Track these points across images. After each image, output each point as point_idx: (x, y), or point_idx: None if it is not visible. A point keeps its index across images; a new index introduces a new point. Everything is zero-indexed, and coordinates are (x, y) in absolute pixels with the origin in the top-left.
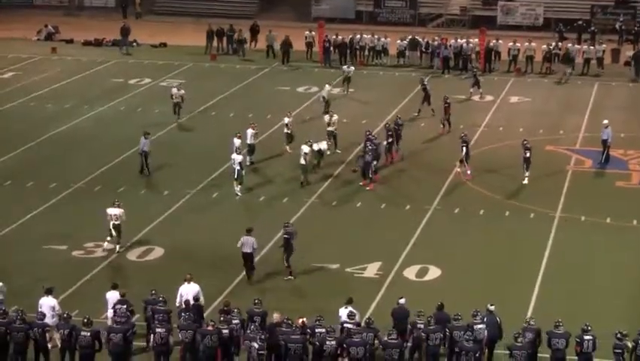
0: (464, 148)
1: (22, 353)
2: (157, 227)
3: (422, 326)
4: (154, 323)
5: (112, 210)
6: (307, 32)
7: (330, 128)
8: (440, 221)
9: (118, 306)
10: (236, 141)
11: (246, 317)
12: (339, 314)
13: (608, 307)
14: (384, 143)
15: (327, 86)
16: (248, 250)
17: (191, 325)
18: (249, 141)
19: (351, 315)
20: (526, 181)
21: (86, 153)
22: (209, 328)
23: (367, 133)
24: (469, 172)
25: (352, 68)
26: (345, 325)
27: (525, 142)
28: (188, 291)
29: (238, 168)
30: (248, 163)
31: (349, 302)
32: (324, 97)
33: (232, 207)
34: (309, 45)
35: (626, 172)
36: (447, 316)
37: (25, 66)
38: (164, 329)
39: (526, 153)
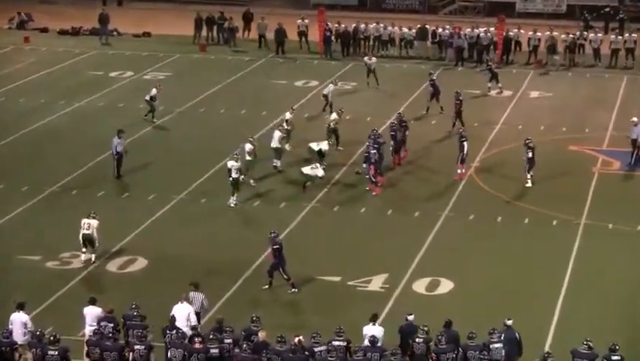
0: (465, 145)
1: None
2: (140, 235)
3: (421, 340)
4: (132, 340)
5: (84, 220)
6: (299, 21)
7: (332, 125)
8: (453, 229)
9: (103, 323)
10: (248, 146)
11: (241, 335)
12: (364, 333)
13: (638, 325)
14: (391, 142)
15: (330, 85)
16: (194, 308)
17: (183, 343)
18: (274, 145)
19: (339, 331)
20: (529, 184)
21: (61, 153)
22: (197, 346)
23: (373, 131)
24: (459, 171)
25: (374, 59)
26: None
27: (527, 141)
28: (181, 312)
29: (235, 175)
30: (280, 168)
31: (374, 319)
32: (325, 95)
33: (223, 214)
34: (302, 35)
35: None
36: (456, 334)
37: None
38: (143, 346)
39: (528, 153)
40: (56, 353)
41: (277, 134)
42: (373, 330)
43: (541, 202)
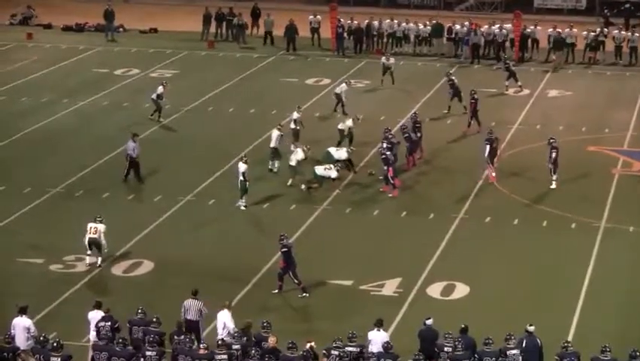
0: (488, 147)
1: None
2: (146, 238)
3: (450, 349)
4: (144, 345)
5: (91, 224)
6: (311, 17)
7: (347, 132)
8: (468, 231)
9: (101, 324)
10: (300, 153)
11: (251, 341)
12: (369, 338)
13: None
14: (406, 144)
15: (344, 85)
16: (192, 316)
17: (191, 350)
18: (273, 145)
19: (352, 336)
20: (554, 185)
21: (65, 154)
22: (201, 351)
23: (386, 131)
24: (493, 174)
25: (392, 59)
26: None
27: (552, 140)
28: (225, 318)
29: (241, 178)
30: (275, 170)
31: (379, 324)
32: (337, 94)
33: (231, 216)
34: (314, 31)
35: None
36: (472, 340)
37: None
38: (154, 352)
39: (552, 154)
40: (59, 360)
41: (275, 133)
42: (379, 336)
43: (559, 205)
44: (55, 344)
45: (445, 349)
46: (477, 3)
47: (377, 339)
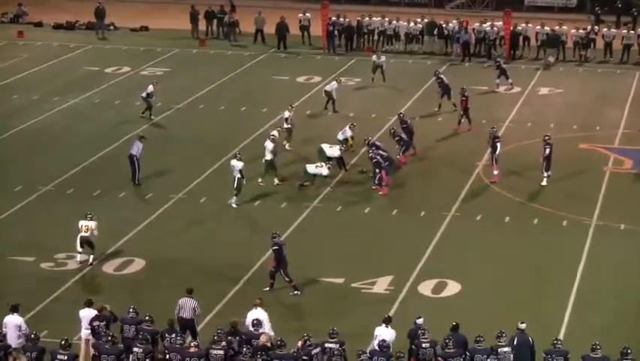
0: (498, 144)
1: None
2: (137, 236)
3: (428, 345)
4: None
5: (82, 222)
6: (301, 15)
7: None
8: (460, 229)
9: (96, 323)
10: (269, 144)
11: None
12: (375, 333)
13: None
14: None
15: (334, 82)
16: (186, 315)
17: (181, 348)
18: (267, 157)
19: (332, 333)
20: (544, 182)
21: (56, 152)
22: (192, 349)
23: (367, 141)
24: (495, 172)
25: (383, 57)
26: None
27: (546, 137)
28: (263, 316)
29: (238, 176)
30: (260, 183)
31: (387, 321)
32: (327, 92)
33: (222, 214)
34: (304, 29)
35: None
36: (464, 337)
37: None
38: (141, 350)
39: (545, 151)
40: (65, 358)
41: (269, 145)
42: (385, 332)
43: (550, 202)
44: (62, 343)
45: (423, 345)
46: (468, 1)
47: (382, 335)
